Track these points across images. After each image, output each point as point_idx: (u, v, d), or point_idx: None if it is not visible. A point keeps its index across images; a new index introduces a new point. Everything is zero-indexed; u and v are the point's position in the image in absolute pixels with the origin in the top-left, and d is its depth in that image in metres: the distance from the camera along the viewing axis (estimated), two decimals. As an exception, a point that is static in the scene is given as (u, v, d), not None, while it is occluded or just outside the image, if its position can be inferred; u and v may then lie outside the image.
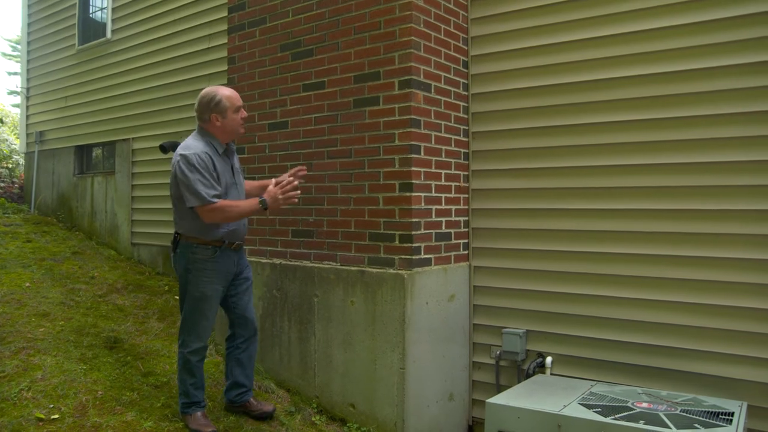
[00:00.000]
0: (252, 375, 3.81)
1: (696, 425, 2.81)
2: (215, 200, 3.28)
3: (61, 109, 8.61)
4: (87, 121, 8.07)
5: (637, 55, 3.62)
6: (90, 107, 8.02)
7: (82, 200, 8.13)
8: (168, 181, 6.77)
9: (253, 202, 3.37)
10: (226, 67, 4.96)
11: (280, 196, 3.36)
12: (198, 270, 3.41)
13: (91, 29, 8.16)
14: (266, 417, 3.75)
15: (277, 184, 3.42)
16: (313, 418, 3.94)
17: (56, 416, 3.37)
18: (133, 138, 7.26)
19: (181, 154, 3.34)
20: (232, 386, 3.75)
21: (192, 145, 3.39)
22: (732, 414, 2.97)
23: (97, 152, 8.29)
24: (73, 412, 3.45)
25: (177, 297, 5.81)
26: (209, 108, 3.43)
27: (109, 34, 7.69)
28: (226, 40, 5.02)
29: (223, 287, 3.52)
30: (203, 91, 3.51)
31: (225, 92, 3.47)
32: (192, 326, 3.46)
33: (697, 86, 3.44)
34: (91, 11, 8.25)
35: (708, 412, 3.00)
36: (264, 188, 3.57)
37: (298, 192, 3.43)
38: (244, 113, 3.54)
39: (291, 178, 3.44)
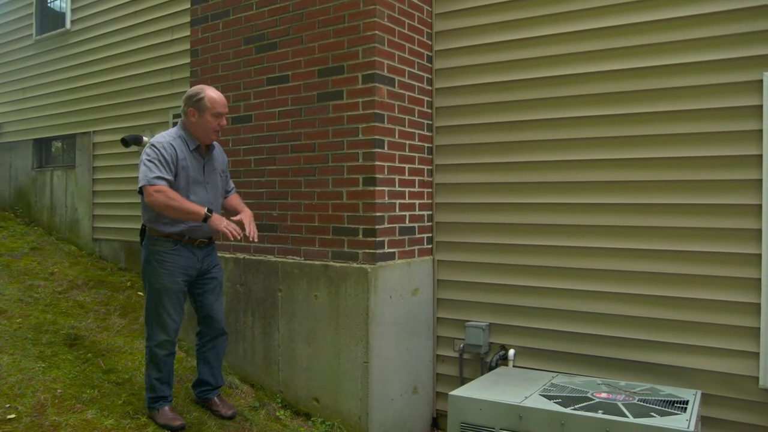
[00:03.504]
0: (218, 374, 3.77)
1: (652, 413, 2.88)
2: (160, 182, 3.26)
3: (18, 101, 8.39)
4: (46, 114, 7.89)
5: (600, 51, 3.67)
6: (49, 99, 7.84)
7: (41, 194, 7.94)
8: (130, 175, 6.71)
9: (200, 208, 3.32)
10: (188, 60, 4.89)
11: (224, 224, 3.31)
12: (157, 262, 3.42)
13: (49, 19, 7.96)
14: (224, 419, 3.70)
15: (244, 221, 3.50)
16: (277, 413, 3.93)
17: (13, 416, 3.30)
18: (93, 131, 7.12)
19: (149, 143, 3.38)
20: (198, 383, 3.76)
21: (161, 136, 3.43)
22: (686, 402, 3.05)
23: (56, 145, 8.11)
24: (31, 411, 3.38)
25: (140, 293, 5.74)
26: (190, 102, 3.44)
27: (68, 25, 7.52)
28: (189, 33, 4.94)
29: (184, 282, 3.49)
30: (193, 87, 3.52)
31: (211, 94, 3.45)
32: (155, 319, 3.45)
33: (660, 83, 3.50)
34: (49, 0, 8.05)
35: (664, 400, 3.08)
36: (237, 211, 3.65)
37: (239, 236, 3.37)
38: (223, 121, 3.49)
39: (248, 230, 3.47)
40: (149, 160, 3.30)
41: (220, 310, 3.71)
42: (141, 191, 3.31)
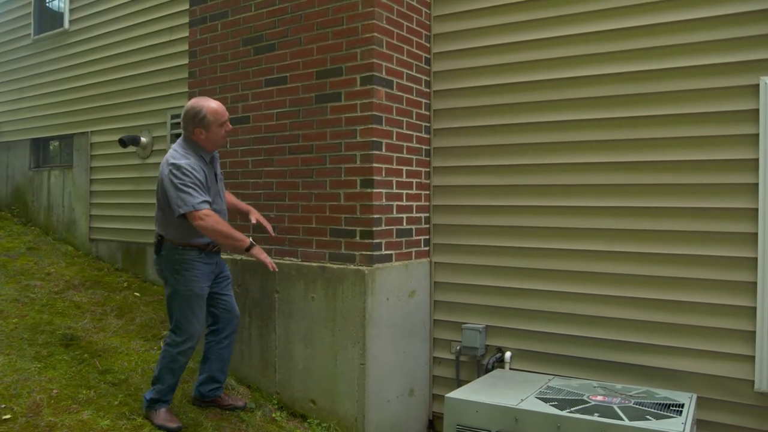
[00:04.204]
0: (227, 372, 3.87)
1: (648, 417, 2.88)
2: (205, 206, 3.34)
3: (15, 101, 8.38)
4: (43, 114, 7.87)
5: (597, 54, 3.68)
6: (47, 99, 7.83)
7: (38, 194, 7.93)
8: (128, 175, 6.70)
9: (245, 238, 3.49)
10: (187, 61, 4.89)
11: (265, 256, 3.54)
12: (187, 270, 3.48)
13: (47, 19, 7.96)
14: (237, 410, 3.84)
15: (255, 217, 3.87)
16: (273, 415, 3.92)
17: (8, 416, 3.29)
18: (91, 131, 7.11)
19: (172, 164, 3.37)
20: (207, 380, 3.79)
21: (181, 155, 3.43)
22: (682, 405, 3.05)
23: (54, 145, 8.10)
24: (26, 411, 3.37)
25: (136, 294, 5.74)
26: (194, 122, 3.46)
27: (66, 25, 7.51)
28: (187, 33, 4.94)
29: (208, 287, 3.60)
30: (189, 103, 3.52)
31: (211, 106, 3.48)
32: (185, 325, 3.50)
33: (658, 86, 3.51)
34: (47, 0, 8.04)
35: (659, 404, 3.08)
36: (240, 212, 3.96)
37: (275, 270, 3.64)
38: (229, 126, 3.58)
39: (270, 230, 3.91)
40: (186, 185, 3.32)
41: (236, 306, 3.87)
42: (182, 215, 3.34)
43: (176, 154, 3.44)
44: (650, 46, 3.52)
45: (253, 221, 3.85)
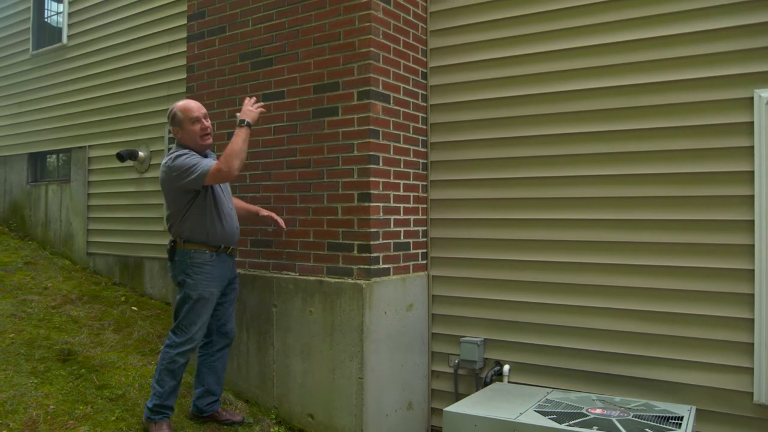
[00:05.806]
0: (222, 384, 3.87)
1: (647, 429, 2.88)
2: (213, 162, 3.45)
3: (13, 116, 8.40)
4: (41, 128, 7.89)
5: (593, 68, 3.70)
6: (45, 114, 7.85)
7: (35, 209, 7.93)
8: (126, 189, 6.69)
9: (239, 131, 3.51)
10: (185, 75, 4.91)
11: (251, 107, 3.60)
12: (197, 273, 3.53)
13: (46, 34, 7.99)
14: (234, 425, 3.82)
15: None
16: (271, 429, 3.91)
17: (4, 432, 3.29)
18: (89, 146, 7.12)
19: (171, 159, 3.48)
20: (203, 394, 3.78)
21: (175, 153, 3.53)
22: (681, 418, 3.05)
23: (51, 160, 8.11)
24: (23, 427, 3.36)
25: (134, 308, 5.73)
26: (170, 123, 3.60)
27: (65, 40, 7.54)
28: (185, 48, 4.97)
29: (218, 292, 3.63)
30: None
31: (180, 104, 3.59)
32: (187, 327, 3.52)
33: (653, 100, 3.53)
34: (46, 15, 8.08)
35: (659, 416, 3.08)
36: (249, 212, 4.03)
37: (263, 109, 3.68)
38: (204, 123, 3.60)
39: (281, 222, 4.00)
40: (186, 164, 3.39)
41: (234, 320, 3.89)
42: (194, 191, 3.47)
43: (170, 154, 3.55)
44: (645, 59, 3.55)
45: (264, 214, 3.98)
